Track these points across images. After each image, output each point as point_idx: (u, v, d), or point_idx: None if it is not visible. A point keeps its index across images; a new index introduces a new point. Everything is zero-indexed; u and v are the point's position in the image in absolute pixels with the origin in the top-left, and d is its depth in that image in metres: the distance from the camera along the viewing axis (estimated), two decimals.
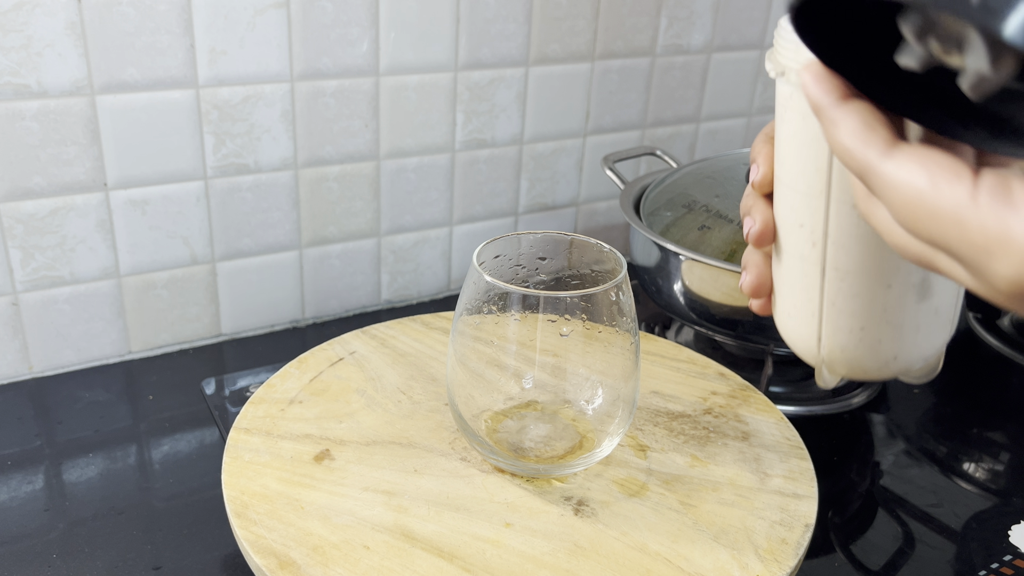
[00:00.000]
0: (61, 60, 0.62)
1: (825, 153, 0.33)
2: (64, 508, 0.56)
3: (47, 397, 0.68)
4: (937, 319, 0.36)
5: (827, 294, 0.36)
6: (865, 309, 0.35)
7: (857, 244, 0.34)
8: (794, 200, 0.36)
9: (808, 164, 0.34)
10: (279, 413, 0.52)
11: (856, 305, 0.35)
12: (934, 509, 0.60)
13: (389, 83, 0.75)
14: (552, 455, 0.48)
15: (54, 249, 0.67)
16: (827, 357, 0.38)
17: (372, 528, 0.44)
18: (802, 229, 0.36)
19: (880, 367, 0.37)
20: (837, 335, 0.37)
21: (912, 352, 0.37)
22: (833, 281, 0.35)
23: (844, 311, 0.36)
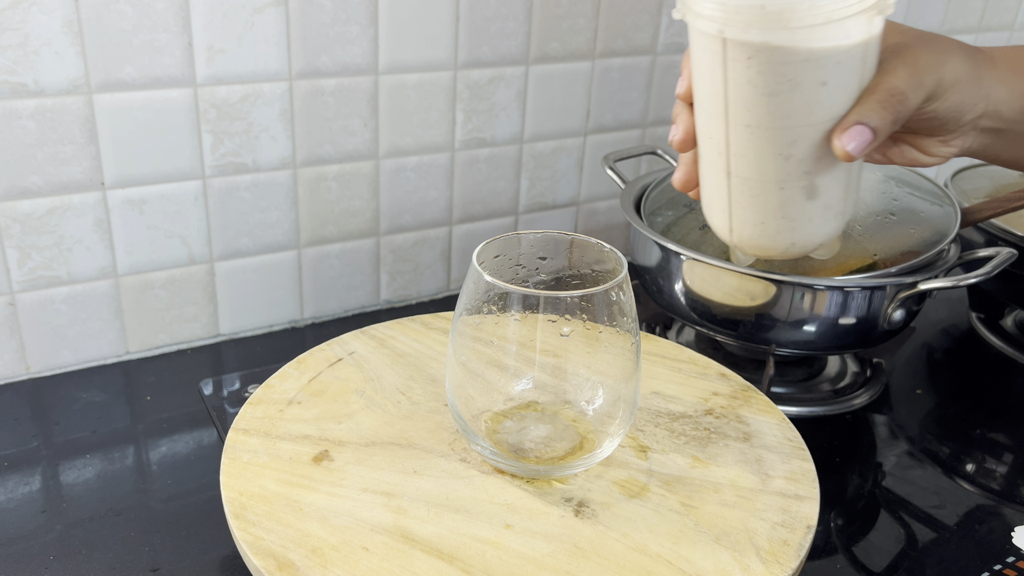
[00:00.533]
0: (58, 58, 0.62)
1: (720, 82, 0.40)
2: (61, 510, 0.56)
3: (44, 398, 0.68)
4: (827, 212, 0.44)
5: (733, 194, 0.44)
6: (763, 207, 0.43)
7: (753, 155, 0.41)
8: (702, 117, 0.43)
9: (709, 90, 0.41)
10: (278, 414, 0.52)
11: (756, 204, 0.43)
12: (936, 510, 0.60)
13: (388, 82, 0.75)
14: (552, 456, 0.48)
15: (51, 249, 0.67)
16: (737, 243, 0.46)
17: (371, 529, 0.44)
18: (711, 140, 0.43)
19: (781, 252, 0.46)
20: (744, 227, 0.45)
21: (808, 240, 0.45)
22: (736, 184, 0.43)
23: (747, 208, 0.44)
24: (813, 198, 0.43)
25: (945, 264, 0.67)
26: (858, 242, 0.66)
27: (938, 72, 0.44)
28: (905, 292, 0.65)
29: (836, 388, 0.73)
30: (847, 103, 0.41)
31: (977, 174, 0.89)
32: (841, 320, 0.65)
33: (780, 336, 0.66)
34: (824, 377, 0.75)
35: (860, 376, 0.75)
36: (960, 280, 0.64)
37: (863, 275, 0.64)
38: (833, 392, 0.73)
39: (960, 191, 0.84)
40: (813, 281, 0.63)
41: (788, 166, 0.42)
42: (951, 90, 0.45)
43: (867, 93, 0.42)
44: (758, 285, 0.64)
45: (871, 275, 0.64)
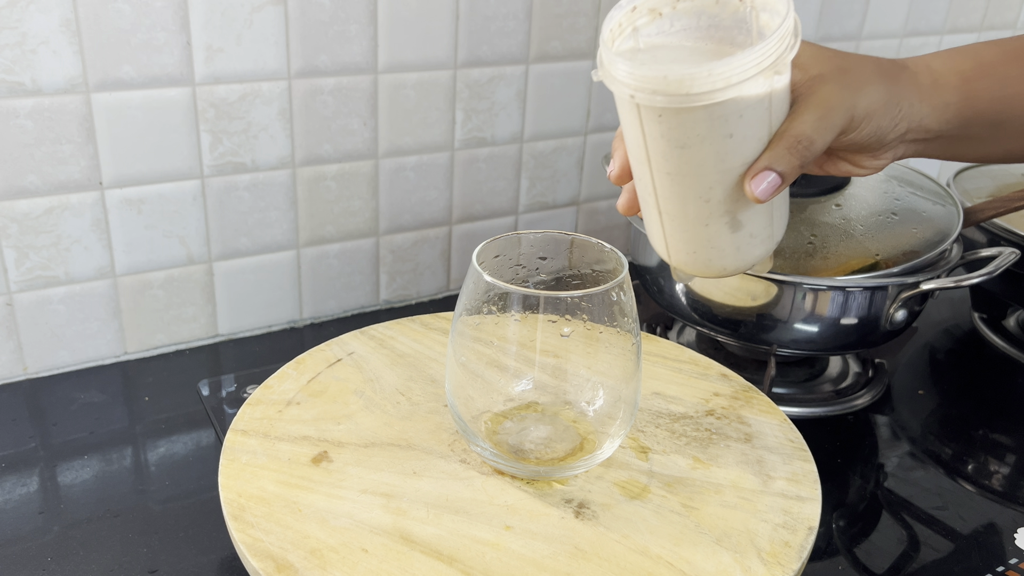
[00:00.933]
0: (56, 57, 0.62)
1: (640, 135, 0.43)
2: (59, 511, 0.56)
3: (42, 398, 0.68)
4: (754, 240, 0.47)
5: (665, 228, 0.48)
6: (692, 240, 0.47)
7: (676, 199, 0.45)
8: (632, 160, 0.47)
9: (632, 139, 0.45)
10: (276, 415, 0.52)
11: (686, 237, 0.47)
12: (939, 512, 0.60)
13: (388, 81, 0.75)
14: (553, 457, 0.48)
15: (49, 249, 0.67)
16: (675, 266, 0.50)
17: (370, 531, 0.44)
18: (640, 182, 0.47)
19: (716, 274, 0.50)
20: (678, 254, 0.49)
21: (738, 264, 0.48)
22: (666, 220, 0.47)
23: (678, 240, 0.48)
24: (738, 230, 0.47)
25: (947, 264, 0.67)
26: (860, 242, 0.66)
27: (849, 110, 0.46)
28: (907, 292, 0.65)
29: (838, 389, 0.73)
30: (758, 149, 0.44)
31: (980, 173, 0.89)
32: (843, 320, 0.65)
33: (781, 336, 0.66)
34: (826, 378, 0.75)
35: (862, 377, 0.75)
36: (962, 280, 0.64)
37: (865, 275, 0.64)
38: (835, 393, 0.73)
39: (963, 190, 0.84)
40: (815, 281, 0.63)
41: (709, 207, 0.45)
42: (865, 121, 0.47)
43: (776, 139, 0.44)
44: (759, 285, 0.64)
45: (873, 275, 0.64)
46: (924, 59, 0.51)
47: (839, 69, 0.46)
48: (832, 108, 0.45)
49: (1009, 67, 0.50)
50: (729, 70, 0.39)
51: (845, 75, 0.46)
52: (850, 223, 0.68)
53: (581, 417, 0.50)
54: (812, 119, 0.44)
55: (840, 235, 0.67)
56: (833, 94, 0.45)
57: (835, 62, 0.47)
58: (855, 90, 0.46)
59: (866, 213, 0.69)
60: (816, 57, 0.47)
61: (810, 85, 0.46)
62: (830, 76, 0.46)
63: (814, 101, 0.45)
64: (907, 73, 0.50)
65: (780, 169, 0.44)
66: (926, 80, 0.50)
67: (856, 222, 0.68)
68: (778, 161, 0.44)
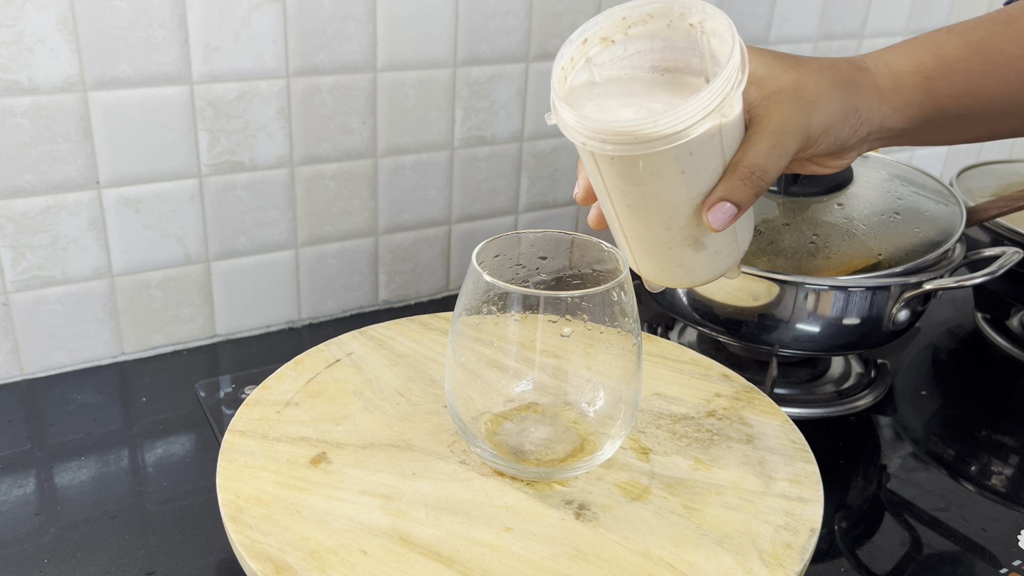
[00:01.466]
0: (52, 56, 0.62)
1: (597, 172, 0.45)
2: (56, 512, 0.56)
3: (38, 399, 0.68)
4: (719, 255, 0.49)
5: (632, 248, 0.49)
6: (659, 260, 0.49)
7: (639, 227, 0.47)
8: (594, 189, 0.48)
9: (591, 173, 0.46)
10: (275, 415, 0.52)
11: (652, 258, 0.49)
12: (942, 513, 0.60)
13: (387, 79, 0.75)
14: (553, 458, 0.48)
15: (45, 248, 0.67)
16: (645, 279, 0.52)
17: (369, 532, 0.44)
18: (605, 209, 0.49)
19: (686, 286, 0.52)
20: (647, 271, 0.50)
21: (707, 277, 0.50)
22: (631, 243, 0.49)
23: (645, 259, 0.49)
24: (702, 250, 0.48)
25: (950, 264, 0.67)
26: (862, 241, 0.66)
27: (804, 131, 0.46)
28: (910, 292, 0.65)
29: (840, 389, 0.73)
30: (712, 180, 0.45)
31: (983, 172, 0.89)
32: (845, 320, 0.65)
33: (783, 337, 0.66)
34: (828, 378, 0.75)
35: (864, 377, 0.75)
36: (966, 280, 0.64)
37: (867, 275, 0.64)
38: (837, 393, 0.73)
39: (966, 190, 0.84)
40: (817, 281, 0.63)
41: (671, 234, 0.47)
42: (823, 136, 0.47)
43: (730, 170, 0.45)
44: (761, 285, 0.64)
45: (875, 275, 0.64)
46: (885, 56, 0.51)
47: (795, 86, 0.46)
48: (786, 133, 0.45)
49: (972, 61, 0.50)
50: (675, 119, 0.40)
51: (800, 92, 0.46)
52: (852, 222, 0.68)
53: (581, 418, 0.50)
54: (765, 148, 0.45)
55: (842, 234, 0.67)
56: (787, 118, 0.45)
57: (791, 76, 0.47)
58: (810, 108, 0.46)
59: (868, 212, 0.69)
60: (772, 72, 0.46)
61: (766, 106, 0.46)
62: (786, 95, 0.46)
63: (768, 127, 0.45)
64: (866, 76, 0.49)
65: (735, 200, 0.45)
66: (887, 83, 0.50)
67: (858, 221, 0.68)
68: (733, 192, 0.45)
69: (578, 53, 0.46)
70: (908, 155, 1.18)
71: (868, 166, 0.76)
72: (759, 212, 0.69)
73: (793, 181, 0.70)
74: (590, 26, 0.45)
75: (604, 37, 0.46)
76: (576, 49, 0.45)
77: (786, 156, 0.46)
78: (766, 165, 0.45)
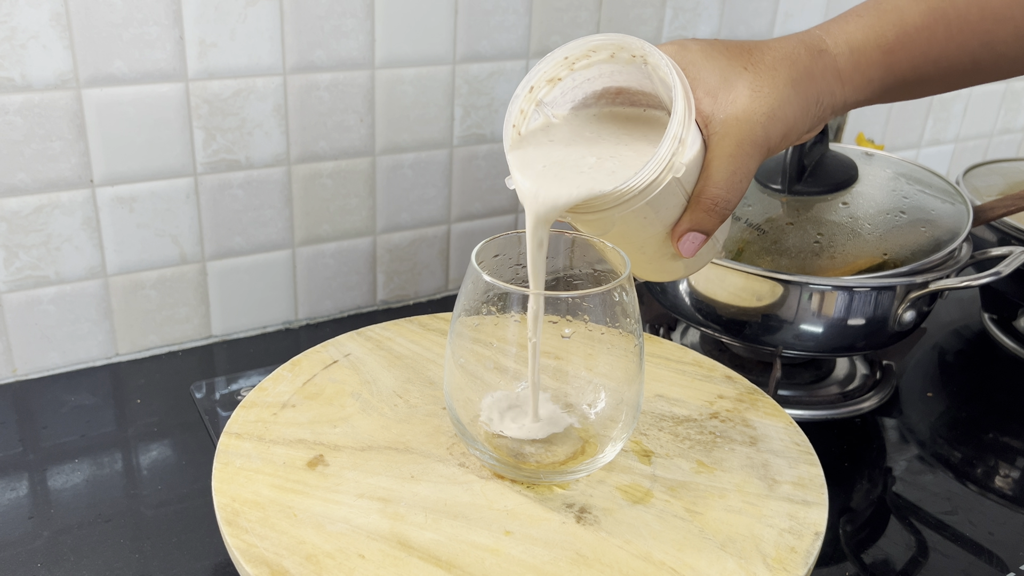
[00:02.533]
0: (46, 52, 0.62)
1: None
2: (49, 516, 0.56)
3: (31, 401, 0.68)
4: (698, 258, 0.50)
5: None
6: (642, 267, 0.51)
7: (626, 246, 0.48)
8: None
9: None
10: (271, 417, 0.52)
11: (636, 267, 0.50)
12: (948, 517, 0.60)
13: (385, 76, 0.75)
14: (553, 461, 0.48)
15: (39, 248, 0.67)
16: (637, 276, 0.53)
17: (367, 536, 0.44)
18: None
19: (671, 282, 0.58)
20: (636, 271, 0.51)
21: (689, 273, 0.52)
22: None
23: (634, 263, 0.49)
24: (679, 259, 0.49)
25: (957, 263, 0.67)
26: (867, 241, 0.66)
27: (763, 147, 0.46)
28: (916, 292, 0.65)
29: (845, 391, 0.73)
30: (677, 213, 0.46)
31: (989, 171, 0.89)
32: (850, 321, 0.65)
33: (787, 338, 0.66)
34: (832, 380, 0.75)
35: (869, 379, 0.75)
36: (972, 280, 0.64)
37: (872, 275, 0.64)
38: (842, 395, 0.73)
39: (972, 188, 0.84)
40: (821, 281, 0.63)
41: (647, 255, 0.48)
42: (784, 140, 0.47)
43: (693, 203, 0.46)
44: (765, 285, 0.64)
45: (881, 275, 0.64)
46: (845, 30, 0.50)
47: (750, 94, 0.46)
48: (745, 156, 0.45)
49: (935, 28, 0.49)
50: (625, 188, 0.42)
51: (756, 102, 0.46)
52: (857, 222, 0.68)
53: (582, 420, 0.50)
54: (724, 177, 0.45)
55: (847, 234, 0.67)
56: (744, 138, 0.45)
57: (745, 81, 0.46)
58: (767, 122, 0.46)
59: (874, 211, 0.69)
60: (725, 78, 0.46)
61: (723, 123, 0.45)
62: (740, 108, 0.45)
63: (726, 151, 0.45)
64: (825, 59, 0.49)
65: (702, 229, 0.46)
66: (847, 64, 0.49)
67: (863, 221, 0.68)
68: (698, 224, 0.46)
69: (527, 103, 0.47)
70: (914, 153, 1.18)
71: (873, 165, 0.76)
72: (763, 211, 0.69)
73: (797, 180, 0.70)
74: (533, 74, 0.46)
75: (551, 79, 0.47)
76: (524, 100, 0.47)
77: (747, 178, 0.46)
78: (728, 195, 0.45)
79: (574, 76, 0.47)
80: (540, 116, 0.48)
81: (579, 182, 0.43)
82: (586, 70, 0.47)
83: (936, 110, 1.16)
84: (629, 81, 0.47)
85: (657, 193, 0.43)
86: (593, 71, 0.47)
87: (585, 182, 0.43)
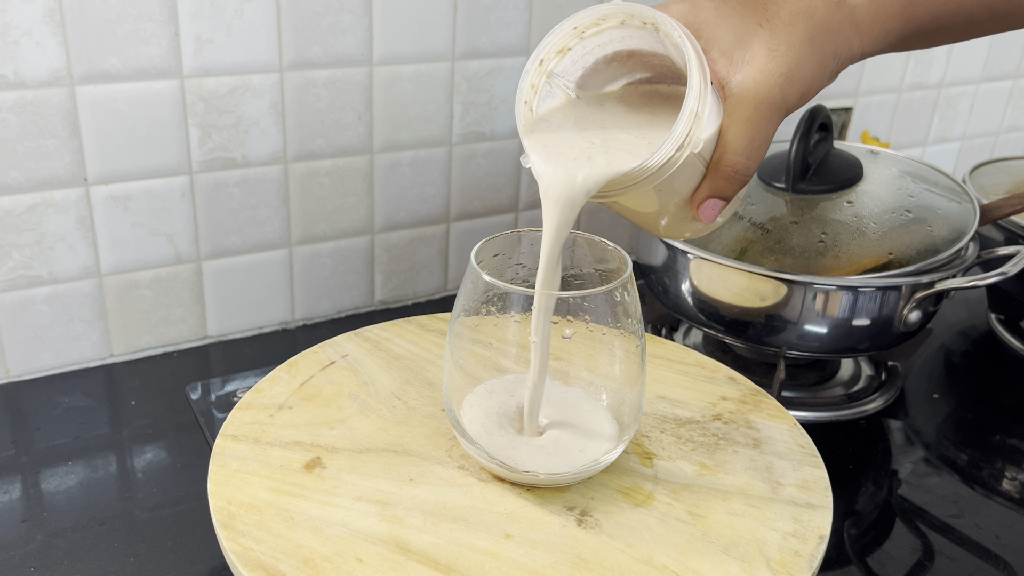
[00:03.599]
0: (39, 49, 0.62)
1: None
2: (42, 519, 0.56)
3: (24, 402, 0.68)
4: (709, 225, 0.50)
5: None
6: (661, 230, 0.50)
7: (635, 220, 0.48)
8: None
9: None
10: (268, 419, 0.52)
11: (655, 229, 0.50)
12: (955, 520, 0.60)
13: (383, 73, 0.75)
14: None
15: (32, 247, 0.67)
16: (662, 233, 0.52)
17: (365, 540, 0.44)
18: None
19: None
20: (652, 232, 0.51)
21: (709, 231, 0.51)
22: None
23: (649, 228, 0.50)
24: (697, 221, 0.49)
25: (963, 263, 0.67)
26: (873, 240, 0.66)
27: (780, 109, 0.46)
28: (921, 292, 0.65)
29: (850, 392, 0.73)
30: (695, 181, 0.46)
31: (996, 169, 0.89)
32: (855, 321, 0.65)
33: (791, 338, 0.66)
34: (837, 381, 0.75)
35: (875, 380, 0.75)
36: (979, 280, 0.64)
37: (878, 275, 0.64)
38: (846, 397, 0.73)
39: (979, 187, 0.84)
40: (826, 281, 0.63)
41: (666, 223, 0.48)
42: (802, 99, 0.47)
43: (712, 171, 0.45)
44: (768, 285, 0.64)
45: (886, 275, 0.64)
46: None
47: (767, 53, 0.45)
48: (763, 120, 0.45)
49: None
50: (641, 170, 0.42)
51: (773, 62, 0.45)
52: (862, 221, 0.68)
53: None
54: (743, 144, 0.45)
55: (852, 233, 0.67)
56: (762, 101, 0.45)
57: (761, 38, 0.45)
58: (785, 83, 0.45)
59: (879, 210, 0.69)
60: (740, 37, 0.45)
61: (739, 84, 0.45)
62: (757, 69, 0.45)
63: (743, 115, 0.45)
64: (843, 11, 0.48)
65: (721, 196, 0.45)
66: (865, 16, 0.48)
67: (869, 220, 0.68)
68: (718, 191, 0.45)
69: (537, 77, 0.46)
70: (920, 151, 1.18)
71: (879, 163, 0.76)
72: (767, 210, 0.69)
73: (801, 178, 0.70)
74: (542, 47, 0.46)
75: (560, 49, 0.47)
76: (535, 74, 0.46)
77: (766, 143, 0.46)
78: (747, 162, 0.45)
79: (584, 44, 0.47)
80: (552, 89, 0.47)
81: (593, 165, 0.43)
82: (596, 37, 0.46)
83: (942, 107, 1.16)
84: (641, 44, 0.46)
85: (675, 169, 0.43)
86: (603, 37, 0.46)
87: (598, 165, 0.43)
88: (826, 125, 0.72)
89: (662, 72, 0.48)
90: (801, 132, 0.70)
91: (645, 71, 0.48)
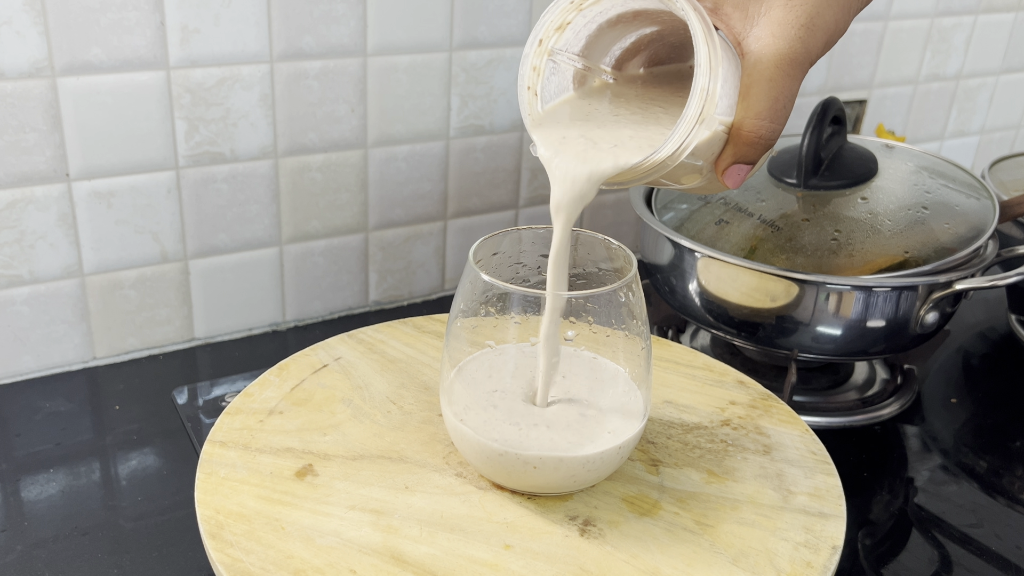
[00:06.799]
0: (19, 39, 0.62)
1: None
2: (23, 528, 0.56)
3: (4, 407, 0.68)
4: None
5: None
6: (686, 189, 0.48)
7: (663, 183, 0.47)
8: None
9: None
10: (257, 425, 0.52)
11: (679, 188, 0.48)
12: (973, 530, 0.60)
13: (378, 64, 0.75)
14: None
15: (11, 246, 0.67)
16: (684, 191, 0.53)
17: (359, 550, 0.44)
18: None
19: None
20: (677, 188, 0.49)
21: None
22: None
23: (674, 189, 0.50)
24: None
25: (982, 262, 0.67)
26: (888, 238, 0.66)
27: (803, 65, 0.44)
28: (939, 292, 0.65)
29: (864, 397, 0.73)
30: (718, 149, 0.45)
31: (1017, 164, 0.89)
32: (869, 323, 0.65)
33: (803, 340, 0.66)
34: (851, 385, 0.75)
35: (890, 384, 0.75)
36: (999, 279, 0.64)
37: (893, 274, 0.64)
38: (860, 401, 0.73)
39: (999, 182, 0.84)
40: (839, 281, 0.63)
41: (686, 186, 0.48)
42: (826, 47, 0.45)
43: (735, 136, 0.44)
44: (779, 285, 0.64)
45: (902, 274, 0.64)
46: None
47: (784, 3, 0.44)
48: (786, 77, 0.44)
49: None
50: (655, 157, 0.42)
51: (791, 6, 0.44)
52: (877, 218, 0.68)
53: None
54: (766, 107, 0.44)
55: (866, 231, 0.67)
56: (783, 56, 0.43)
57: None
58: (806, 34, 0.44)
59: (894, 207, 0.69)
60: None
61: (758, 40, 0.44)
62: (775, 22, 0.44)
63: (764, 75, 0.43)
64: None
65: (746, 161, 0.45)
66: None
67: (883, 217, 0.68)
68: (742, 156, 0.45)
69: (538, 59, 0.46)
70: (937, 146, 1.18)
71: (894, 157, 0.76)
72: (778, 207, 0.70)
73: (814, 173, 0.70)
74: (539, 27, 0.46)
75: (559, 26, 0.46)
76: (535, 56, 0.46)
77: (791, 101, 0.45)
78: (771, 125, 0.44)
79: (584, 14, 0.46)
80: (557, 66, 0.47)
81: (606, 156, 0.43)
82: (595, 7, 0.46)
83: (960, 100, 1.16)
84: (646, 3, 0.45)
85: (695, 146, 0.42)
86: (604, 3, 0.46)
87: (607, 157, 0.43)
88: (839, 118, 0.72)
89: (673, 26, 0.47)
90: (813, 125, 0.70)
91: (653, 25, 0.48)
